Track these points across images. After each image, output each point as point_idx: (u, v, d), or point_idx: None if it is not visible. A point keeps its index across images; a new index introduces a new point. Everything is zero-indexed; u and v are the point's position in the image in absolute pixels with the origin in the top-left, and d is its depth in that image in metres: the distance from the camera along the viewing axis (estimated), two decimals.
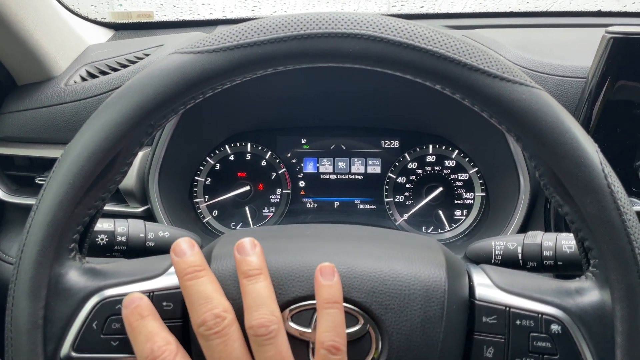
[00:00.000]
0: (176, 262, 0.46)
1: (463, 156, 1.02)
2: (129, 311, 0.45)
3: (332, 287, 0.44)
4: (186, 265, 0.45)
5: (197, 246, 0.47)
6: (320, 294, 0.44)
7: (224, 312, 0.44)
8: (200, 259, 0.46)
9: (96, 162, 0.45)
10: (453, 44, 0.43)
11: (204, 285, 0.44)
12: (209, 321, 0.43)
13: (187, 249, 0.46)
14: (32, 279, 0.44)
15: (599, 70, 0.75)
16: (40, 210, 0.44)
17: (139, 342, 0.44)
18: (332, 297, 0.44)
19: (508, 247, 0.61)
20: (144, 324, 0.44)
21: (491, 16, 1.17)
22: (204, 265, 0.46)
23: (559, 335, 0.45)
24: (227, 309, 0.44)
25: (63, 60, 0.96)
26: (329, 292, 0.44)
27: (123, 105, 0.45)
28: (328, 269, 0.45)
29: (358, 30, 0.43)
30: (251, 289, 0.44)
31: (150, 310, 0.45)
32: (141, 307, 0.45)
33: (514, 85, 0.43)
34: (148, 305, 0.45)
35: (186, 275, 0.45)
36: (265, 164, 1.06)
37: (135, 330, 0.44)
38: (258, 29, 0.44)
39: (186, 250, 0.46)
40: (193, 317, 0.44)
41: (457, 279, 0.47)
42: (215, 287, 0.45)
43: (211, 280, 0.45)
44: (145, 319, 0.44)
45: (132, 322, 0.44)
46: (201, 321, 0.43)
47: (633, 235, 0.42)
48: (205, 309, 0.43)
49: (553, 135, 0.42)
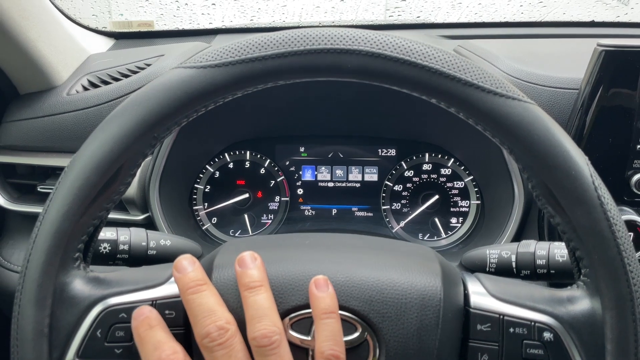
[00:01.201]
0: (178, 278, 0.47)
1: (459, 165, 1.04)
2: (139, 322, 0.46)
3: (326, 298, 0.45)
4: (188, 279, 0.46)
5: (198, 262, 0.48)
6: (316, 305, 0.45)
7: (227, 323, 0.45)
8: (202, 274, 0.47)
9: (101, 173, 0.46)
10: (448, 60, 0.44)
11: (206, 298, 0.46)
12: (212, 333, 0.44)
13: (188, 265, 0.47)
14: (38, 288, 0.45)
15: (591, 82, 0.77)
16: (47, 220, 0.45)
17: (147, 351, 0.45)
18: (328, 308, 0.45)
19: (502, 255, 0.62)
20: (153, 333, 0.45)
21: (486, 26, 1.19)
22: (205, 279, 0.47)
23: (551, 343, 0.46)
24: (229, 320, 0.45)
25: (65, 70, 0.97)
26: (324, 303, 0.45)
27: (127, 118, 0.46)
28: (322, 281, 0.46)
29: (356, 47, 0.44)
30: (253, 301, 0.45)
31: (159, 321, 0.46)
32: (150, 318, 0.46)
33: (507, 100, 0.44)
34: (157, 317, 0.46)
35: (188, 290, 0.46)
36: (264, 171, 1.07)
37: (143, 340, 0.45)
38: (259, 44, 0.45)
39: (187, 266, 0.47)
40: (196, 329, 0.45)
41: (453, 288, 0.49)
42: (217, 299, 0.46)
43: (213, 293, 0.46)
44: (154, 329, 0.46)
45: (141, 333, 0.45)
46: (205, 333, 0.44)
47: (622, 245, 0.43)
48: (208, 321, 0.44)
49: (544, 148, 0.44)
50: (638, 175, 0.78)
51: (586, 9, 1.21)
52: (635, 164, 0.78)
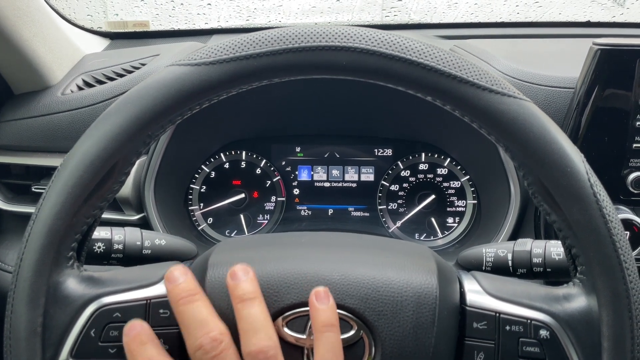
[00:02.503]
0: (170, 288, 0.46)
1: (455, 164, 1.04)
2: (130, 338, 0.45)
3: (327, 311, 0.44)
4: (180, 290, 0.45)
5: (190, 273, 0.47)
6: (317, 317, 0.44)
7: (221, 334, 0.43)
8: (194, 284, 0.46)
9: (95, 171, 0.45)
10: (444, 57, 0.44)
11: (198, 309, 0.44)
12: (205, 345, 0.43)
13: (180, 276, 0.46)
14: (31, 287, 0.44)
15: (587, 81, 0.77)
16: (39, 219, 0.45)
17: None
18: (328, 321, 0.44)
19: (498, 254, 0.62)
20: (144, 349, 0.44)
21: (482, 26, 1.19)
22: (197, 289, 0.46)
23: (547, 341, 0.46)
24: (223, 331, 0.44)
25: (59, 70, 0.96)
26: (325, 316, 0.44)
27: (121, 116, 0.46)
28: (322, 293, 0.45)
29: (351, 44, 0.44)
30: (247, 314, 0.44)
31: (151, 337, 0.45)
32: (141, 334, 0.45)
33: (502, 97, 0.44)
34: (148, 332, 0.45)
35: (180, 300, 0.45)
36: (260, 172, 1.07)
37: (135, 357, 0.44)
38: (254, 41, 0.45)
39: (179, 277, 0.46)
40: (189, 341, 0.44)
41: (448, 286, 0.49)
42: (210, 310, 0.45)
43: (205, 304, 0.45)
44: (146, 346, 0.44)
45: (133, 349, 0.44)
46: (198, 345, 0.43)
47: (618, 242, 0.43)
48: (201, 333, 0.43)
49: (540, 146, 0.44)
50: (634, 174, 0.78)
51: (582, 9, 1.21)
52: (631, 162, 0.79)
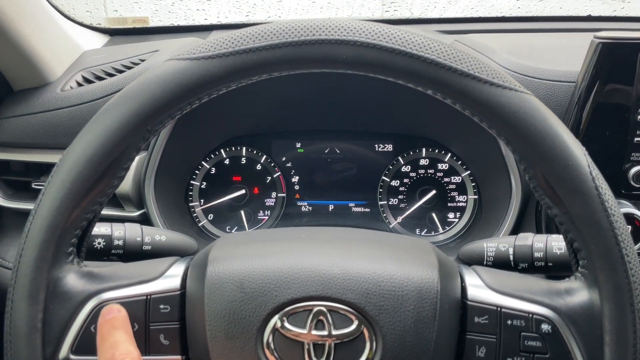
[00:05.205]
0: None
1: (456, 159, 1.03)
2: (104, 320, 0.45)
3: None
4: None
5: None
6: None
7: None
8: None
9: (94, 167, 0.45)
10: (444, 50, 0.44)
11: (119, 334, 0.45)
12: None
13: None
14: (31, 282, 0.44)
15: (588, 75, 0.76)
16: (39, 215, 0.45)
17: (103, 349, 0.44)
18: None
19: (500, 248, 0.62)
20: (113, 333, 0.45)
21: (483, 21, 1.18)
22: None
23: (549, 335, 0.45)
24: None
25: (59, 66, 0.96)
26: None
27: (120, 111, 0.45)
28: None
29: (352, 37, 0.44)
30: None
31: (124, 323, 0.46)
32: (116, 319, 0.45)
33: (504, 91, 0.44)
34: (123, 319, 0.46)
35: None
36: (260, 167, 1.06)
37: (103, 338, 0.45)
38: (253, 35, 0.45)
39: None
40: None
41: (450, 280, 0.48)
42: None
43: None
44: (116, 330, 0.45)
45: (103, 331, 0.45)
46: None
47: (620, 236, 0.43)
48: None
49: (541, 139, 0.43)
50: (636, 168, 0.78)
51: (583, 3, 1.21)
52: (632, 156, 0.78)
